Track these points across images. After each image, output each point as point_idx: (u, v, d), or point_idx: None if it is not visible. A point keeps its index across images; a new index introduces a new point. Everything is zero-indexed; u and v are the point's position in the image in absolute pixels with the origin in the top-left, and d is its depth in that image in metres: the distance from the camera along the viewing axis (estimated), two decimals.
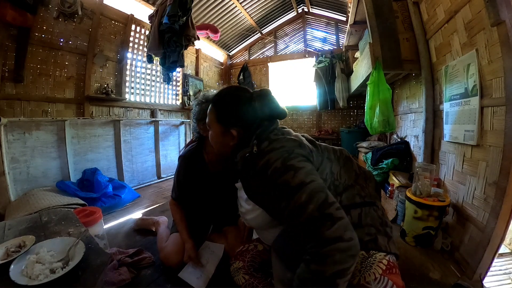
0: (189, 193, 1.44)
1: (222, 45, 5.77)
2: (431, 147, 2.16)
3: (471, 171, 1.56)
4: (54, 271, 0.74)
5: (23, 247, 0.87)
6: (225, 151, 0.97)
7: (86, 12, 2.83)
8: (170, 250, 1.34)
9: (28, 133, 2.35)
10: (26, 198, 2.11)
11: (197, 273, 1.22)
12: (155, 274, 1.31)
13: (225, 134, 0.93)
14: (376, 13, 2.31)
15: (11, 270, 0.73)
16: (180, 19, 2.67)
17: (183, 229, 1.35)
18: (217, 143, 0.98)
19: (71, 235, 1.00)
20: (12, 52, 2.28)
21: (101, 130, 3.04)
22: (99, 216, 1.38)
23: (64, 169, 2.60)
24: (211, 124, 0.96)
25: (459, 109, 1.69)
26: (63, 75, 2.74)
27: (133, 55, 3.56)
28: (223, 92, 0.99)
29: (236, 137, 0.92)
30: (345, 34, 4.22)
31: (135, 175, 3.49)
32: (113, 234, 1.82)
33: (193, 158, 1.41)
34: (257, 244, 1.12)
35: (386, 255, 0.75)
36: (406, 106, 2.90)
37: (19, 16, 2.13)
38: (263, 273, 1.05)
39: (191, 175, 1.41)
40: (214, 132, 0.96)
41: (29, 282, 0.69)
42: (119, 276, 1.15)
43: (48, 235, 1.02)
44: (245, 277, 1.02)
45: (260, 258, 1.07)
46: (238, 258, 1.09)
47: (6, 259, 0.80)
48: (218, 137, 0.95)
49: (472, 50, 1.53)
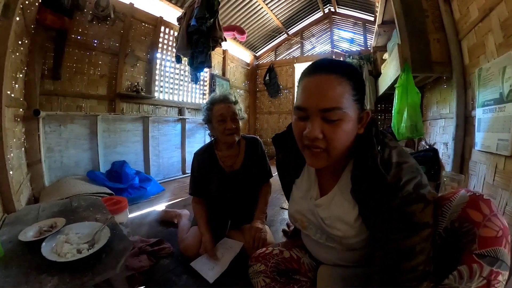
0: (204, 189, 1.49)
1: (248, 46, 5.82)
2: (461, 156, 2.02)
3: (503, 184, 1.43)
4: (81, 252, 0.81)
5: (55, 227, 0.96)
6: (345, 146, 0.68)
7: (118, 15, 2.99)
8: (189, 242, 1.38)
9: (64, 125, 2.54)
10: (58, 184, 2.28)
11: (210, 265, 1.23)
12: (173, 264, 1.35)
13: (358, 119, 0.68)
14: (404, 12, 2.21)
15: (43, 246, 0.81)
16: (207, 21, 2.75)
17: (202, 223, 1.39)
18: (346, 139, 0.67)
19: (98, 221, 1.08)
20: (51, 52, 2.45)
21: (130, 126, 3.21)
22: (125, 206, 1.47)
23: (95, 160, 2.78)
24: (344, 105, 0.63)
25: (493, 115, 1.55)
26: (97, 74, 2.91)
27: (162, 55, 3.70)
28: (339, 60, 0.74)
29: (366, 123, 0.70)
30: (373, 35, 4.09)
31: (161, 170, 3.64)
32: (137, 223, 1.91)
33: (205, 155, 1.48)
34: (283, 250, 0.98)
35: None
36: (436, 112, 2.75)
37: (57, 20, 2.28)
38: (286, 277, 0.95)
39: (205, 171, 1.47)
40: (347, 120, 0.64)
41: (57, 258, 0.76)
42: (139, 263, 1.22)
43: (77, 219, 1.10)
44: (266, 280, 0.92)
45: (284, 266, 0.96)
46: (260, 261, 0.97)
47: (39, 237, 0.89)
48: (350, 126, 0.65)
49: (508, 51, 1.40)
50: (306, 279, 0.94)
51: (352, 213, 0.72)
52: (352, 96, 0.64)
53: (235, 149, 1.50)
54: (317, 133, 0.64)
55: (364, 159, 0.67)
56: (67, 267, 0.76)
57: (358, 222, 0.72)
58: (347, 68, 0.66)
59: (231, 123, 1.36)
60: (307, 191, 0.86)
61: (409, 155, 0.68)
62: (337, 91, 0.63)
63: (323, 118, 0.64)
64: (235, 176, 1.46)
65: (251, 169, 1.48)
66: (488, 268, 0.53)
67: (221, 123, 1.36)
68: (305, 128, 0.66)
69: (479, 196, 0.59)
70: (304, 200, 0.86)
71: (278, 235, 1.67)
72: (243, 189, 1.47)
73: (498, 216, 0.56)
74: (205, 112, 1.45)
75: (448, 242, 0.60)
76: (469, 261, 0.55)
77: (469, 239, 0.56)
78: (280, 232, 1.70)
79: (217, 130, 1.40)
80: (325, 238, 0.82)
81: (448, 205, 0.61)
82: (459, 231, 0.58)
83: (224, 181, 1.45)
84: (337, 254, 0.82)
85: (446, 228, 0.61)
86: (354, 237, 0.73)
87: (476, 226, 0.56)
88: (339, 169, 0.77)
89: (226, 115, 1.36)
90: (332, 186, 0.78)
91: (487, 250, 0.54)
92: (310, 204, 0.83)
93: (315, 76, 0.66)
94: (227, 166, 1.47)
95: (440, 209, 0.62)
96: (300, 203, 0.88)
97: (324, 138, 0.65)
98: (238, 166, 1.48)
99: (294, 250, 0.99)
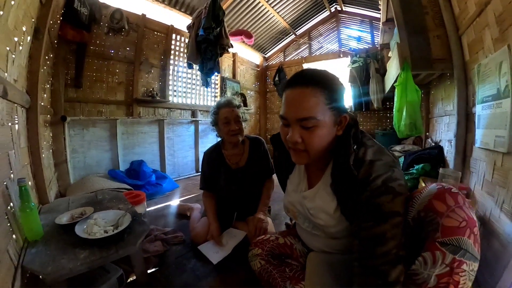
0: (213, 184, 1.65)
1: (257, 48, 5.94)
2: (463, 153, 1.98)
3: (500, 181, 1.40)
4: (107, 232, 0.98)
5: (84, 214, 1.14)
6: (323, 153, 0.80)
7: (132, 26, 3.20)
8: (199, 231, 1.55)
9: (86, 129, 2.80)
10: (82, 181, 2.51)
11: (215, 249, 1.36)
12: (184, 250, 1.51)
13: (334, 124, 0.77)
14: (403, 11, 2.21)
15: (76, 228, 0.98)
16: (214, 31, 2.94)
17: (210, 214, 1.55)
18: (322, 142, 0.77)
19: (120, 210, 1.25)
20: (72, 63, 2.68)
21: (147, 128, 3.45)
22: (143, 198, 1.66)
23: (115, 160, 3.02)
24: (318, 114, 0.73)
25: (491, 112, 1.52)
26: (115, 81, 3.13)
27: (174, 62, 3.87)
28: (317, 70, 0.79)
29: (344, 126, 0.79)
30: (379, 32, 4.09)
31: (176, 168, 3.88)
32: (153, 216, 2.11)
33: (213, 153, 1.66)
34: (279, 237, 1.10)
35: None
36: (441, 108, 2.70)
37: (77, 34, 2.50)
38: (279, 260, 1.06)
39: (213, 168, 1.63)
40: (321, 126, 0.74)
41: (88, 236, 0.93)
42: (154, 248, 1.39)
43: (102, 209, 1.28)
44: (261, 262, 1.03)
45: (279, 250, 1.07)
46: (257, 246, 1.09)
47: (72, 221, 1.07)
48: (325, 131, 0.75)
49: (504, 46, 1.36)
50: (297, 263, 1.04)
51: (332, 205, 0.82)
52: (326, 105, 0.74)
53: (240, 148, 1.64)
54: (296, 138, 0.75)
55: (341, 157, 0.77)
56: (96, 244, 0.92)
57: (337, 213, 0.81)
58: (321, 80, 0.76)
59: (235, 125, 1.52)
60: (298, 185, 0.98)
61: (386, 154, 0.76)
62: (311, 102, 0.73)
63: (301, 125, 0.75)
64: (240, 173, 1.61)
65: (255, 166, 1.62)
66: (451, 256, 0.57)
67: (226, 125, 1.52)
68: (287, 133, 0.78)
69: (447, 189, 0.64)
70: (295, 193, 0.98)
71: (281, 228, 1.81)
72: (247, 184, 1.61)
73: (464, 208, 0.60)
74: (212, 115, 1.61)
75: (415, 231, 0.65)
76: (432, 248, 0.60)
77: (433, 227, 0.60)
78: (283, 225, 1.83)
79: (222, 132, 1.56)
80: (312, 227, 0.94)
81: (418, 197, 0.67)
82: (424, 220, 0.63)
83: (231, 177, 1.61)
84: (323, 241, 0.92)
85: (414, 218, 0.66)
86: (334, 226, 0.83)
87: (439, 216, 0.60)
88: (323, 166, 0.88)
89: (230, 118, 1.51)
90: (318, 181, 0.89)
91: (450, 239, 0.58)
92: (299, 196, 0.95)
93: (293, 88, 0.77)
94: (233, 164, 1.63)
95: (411, 201, 0.69)
96: (292, 195, 1.00)
97: (303, 142, 0.76)
98: (243, 163, 1.62)
99: (288, 237, 1.10)
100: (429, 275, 0.59)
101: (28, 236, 0.96)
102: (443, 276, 0.58)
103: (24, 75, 1.50)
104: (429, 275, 0.59)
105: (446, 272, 0.58)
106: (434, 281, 0.59)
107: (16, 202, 0.96)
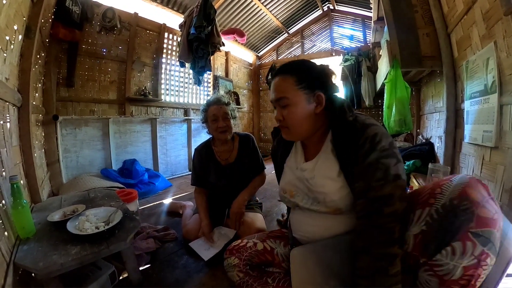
0: (204, 180, 1.67)
1: (250, 46, 5.95)
2: (453, 149, 2.03)
3: (489, 175, 1.44)
4: (98, 228, 0.98)
5: (76, 212, 1.14)
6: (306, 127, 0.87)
7: (124, 24, 3.19)
8: (191, 227, 1.56)
9: (78, 128, 2.78)
10: (75, 181, 2.49)
11: (206, 246, 1.38)
12: (176, 247, 1.52)
13: (309, 101, 0.84)
14: (393, 9, 2.25)
15: (68, 225, 0.98)
16: (205, 29, 2.94)
17: (202, 210, 1.57)
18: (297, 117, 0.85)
19: (112, 207, 1.25)
20: (64, 62, 2.66)
21: (139, 127, 3.43)
22: (135, 196, 1.66)
23: (107, 159, 3.01)
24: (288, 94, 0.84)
25: (479, 107, 1.56)
26: (107, 80, 3.11)
27: (167, 60, 3.88)
28: (291, 61, 0.90)
29: (324, 101, 0.84)
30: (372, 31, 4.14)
31: (169, 167, 3.87)
32: (146, 214, 2.11)
33: (204, 150, 1.68)
34: (257, 243, 1.03)
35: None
36: (432, 105, 2.76)
37: (69, 33, 2.48)
38: (258, 271, 1.00)
39: (204, 164, 1.66)
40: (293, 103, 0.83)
41: (80, 233, 0.94)
42: (146, 245, 1.39)
43: (94, 206, 1.28)
44: (239, 275, 0.97)
45: (258, 259, 1.00)
46: (234, 254, 1.02)
47: (64, 218, 1.07)
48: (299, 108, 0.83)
49: (490, 42, 1.41)
50: (279, 270, 1.00)
51: (335, 169, 0.83)
52: (295, 86, 0.84)
53: (230, 144, 1.66)
54: (278, 116, 0.88)
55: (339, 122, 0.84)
56: (87, 240, 0.93)
57: (341, 176, 0.82)
58: (292, 68, 0.88)
59: (223, 122, 1.54)
60: (295, 162, 0.98)
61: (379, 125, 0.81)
62: (282, 86, 0.86)
63: (279, 105, 0.87)
64: (229, 169, 1.63)
65: (244, 162, 1.64)
66: (481, 247, 0.55)
67: (214, 122, 1.55)
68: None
69: (478, 180, 0.63)
70: (293, 171, 0.96)
71: (273, 224, 1.86)
72: (236, 180, 1.63)
73: (495, 200, 0.60)
74: (202, 113, 1.64)
75: (445, 218, 0.63)
76: (464, 238, 0.57)
77: (467, 217, 0.58)
78: (275, 222, 1.88)
79: (211, 128, 1.59)
80: (311, 202, 0.89)
81: (448, 184, 0.66)
82: (458, 208, 0.60)
83: (220, 173, 1.63)
84: (319, 220, 0.88)
85: (444, 205, 0.63)
86: (337, 191, 0.81)
87: (475, 206, 0.58)
88: (321, 140, 0.91)
89: (218, 115, 1.54)
90: (317, 153, 0.91)
91: (482, 230, 0.56)
92: (297, 172, 0.94)
93: (274, 79, 0.91)
94: (222, 160, 1.65)
95: (439, 188, 0.67)
96: (289, 175, 0.98)
97: (284, 120, 0.87)
98: (232, 159, 1.64)
99: (268, 242, 1.05)
100: (456, 266, 0.58)
101: (20, 233, 0.96)
102: (470, 268, 0.57)
103: (15, 73, 1.49)
104: (456, 266, 0.58)
105: (473, 264, 0.56)
106: (460, 273, 0.57)
107: (8, 200, 0.96)
